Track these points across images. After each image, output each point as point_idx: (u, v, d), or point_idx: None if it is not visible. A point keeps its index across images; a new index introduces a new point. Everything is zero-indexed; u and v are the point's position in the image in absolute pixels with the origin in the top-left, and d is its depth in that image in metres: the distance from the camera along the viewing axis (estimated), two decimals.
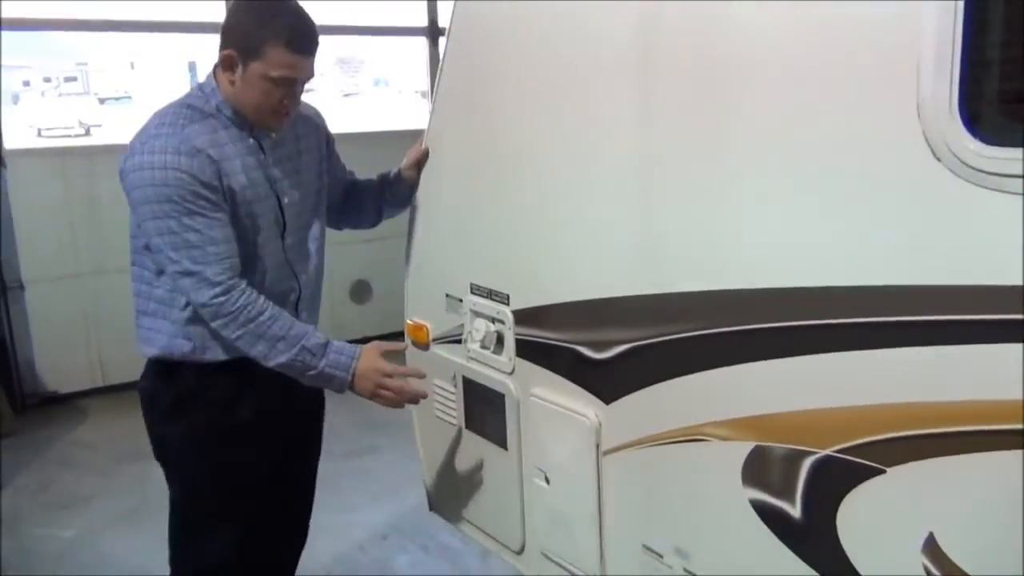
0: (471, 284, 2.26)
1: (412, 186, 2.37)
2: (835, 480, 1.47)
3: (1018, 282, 1.20)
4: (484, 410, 2.30)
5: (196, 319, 2.02)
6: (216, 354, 2.06)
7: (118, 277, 5.07)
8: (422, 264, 2.44)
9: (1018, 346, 1.21)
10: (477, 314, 2.25)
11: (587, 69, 1.84)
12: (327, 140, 2.31)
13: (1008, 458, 1.25)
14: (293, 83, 1.96)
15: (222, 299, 1.93)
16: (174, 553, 2.24)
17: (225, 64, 1.96)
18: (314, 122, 2.26)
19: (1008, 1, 1.22)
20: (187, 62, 20.90)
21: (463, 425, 2.39)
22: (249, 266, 2.03)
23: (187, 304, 2.01)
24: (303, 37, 1.93)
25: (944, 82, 1.22)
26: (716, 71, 1.56)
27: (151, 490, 4.02)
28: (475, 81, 2.16)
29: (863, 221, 1.37)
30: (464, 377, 2.34)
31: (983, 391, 1.27)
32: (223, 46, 1.96)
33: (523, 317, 2.11)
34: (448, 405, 2.43)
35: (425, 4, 6.06)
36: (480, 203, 2.20)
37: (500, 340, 2.20)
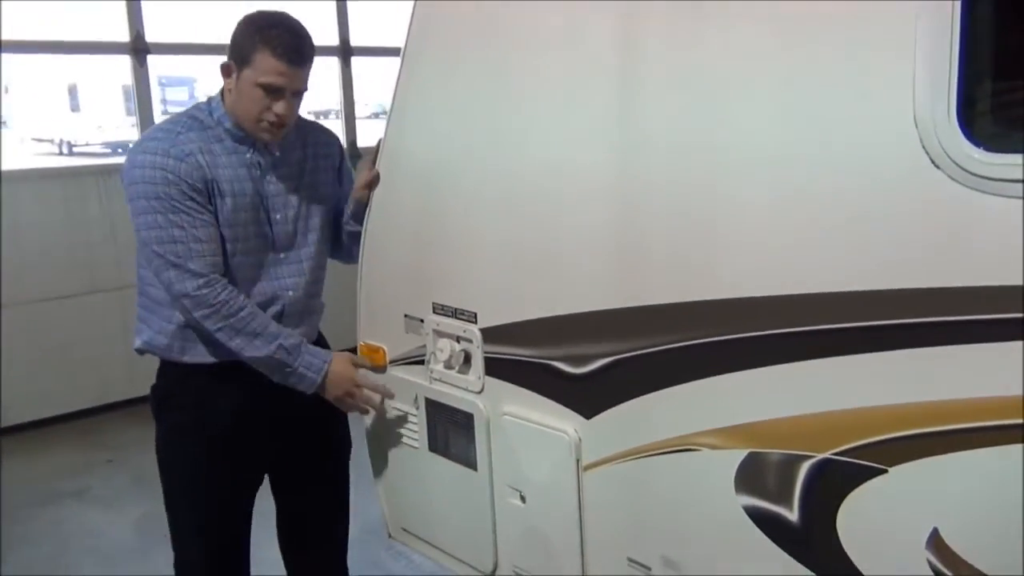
0: (433, 303, 2.22)
1: (365, 207, 2.34)
2: (835, 482, 1.50)
3: (1017, 282, 1.25)
4: (450, 431, 2.25)
5: (181, 321, 2.11)
6: (194, 356, 2.15)
7: (12, 312, 4.89)
8: (377, 284, 2.38)
9: (1017, 343, 1.27)
10: (440, 334, 2.21)
11: (561, 76, 1.83)
12: (341, 164, 2.37)
13: (1009, 452, 1.30)
14: (281, 92, 2.04)
15: (205, 291, 2.03)
16: (173, 546, 2.34)
17: (224, 73, 2.09)
18: (329, 144, 2.35)
19: (1003, 9, 1.27)
20: (67, 85, 20.06)
21: (427, 448, 2.34)
22: (233, 276, 2.11)
23: (175, 306, 2.10)
24: (291, 47, 2.03)
25: (942, 90, 1.27)
26: (703, 74, 1.58)
27: (70, 533, 3.82)
28: (436, 93, 2.13)
29: (859, 227, 1.41)
30: (427, 399, 2.29)
31: (984, 388, 1.31)
32: (227, 59, 2.09)
33: (493, 335, 2.08)
34: (410, 428, 2.37)
35: (336, 23, 5.99)
36: (443, 219, 2.16)
37: (467, 359, 2.16)
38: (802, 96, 1.46)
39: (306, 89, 2.13)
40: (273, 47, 2.00)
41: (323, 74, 6.23)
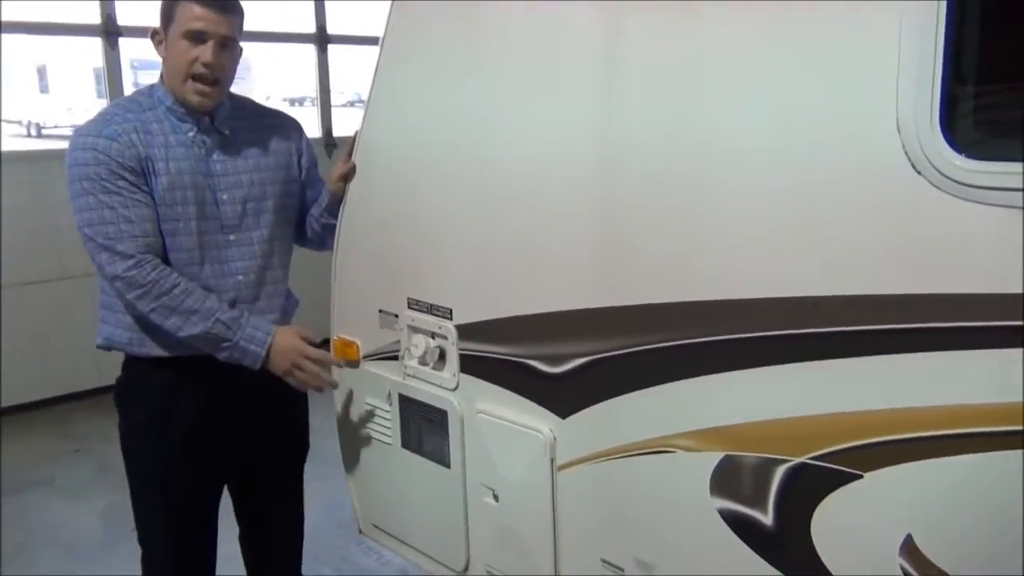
0: (408, 298, 2.19)
1: (341, 200, 2.31)
2: (810, 487, 1.49)
3: (996, 290, 1.25)
4: (423, 428, 2.23)
5: (133, 312, 2.07)
6: (152, 349, 2.11)
7: None
8: (352, 278, 2.35)
9: (995, 351, 1.27)
10: (415, 330, 2.18)
11: (541, 69, 1.81)
12: (302, 152, 2.32)
13: (984, 459, 1.30)
14: (204, 37, 2.01)
15: (134, 272, 1.99)
16: (139, 541, 2.31)
17: (155, 43, 2.07)
18: (288, 129, 2.30)
19: (989, 13, 1.26)
20: (36, 66, 19.72)
21: (399, 444, 2.31)
22: (176, 257, 2.07)
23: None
24: None
25: (925, 95, 1.26)
26: (688, 71, 1.57)
27: (34, 523, 3.76)
28: (414, 85, 2.10)
29: (839, 231, 1.40)
30: (401, 395, 2.27)
31: (959, 395, 1.31)
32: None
33: (468, 332, 2.06)
34: (382, 424, 2.35)
35: (312, 8, 5.91)
36: (419, 213, 2.14)
37: (442, 356, 2.14)
38: (785, 96, 1.45)
39: (236, 41, 2.08)
40: None
41: (299, 61, 6.17)
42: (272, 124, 2.27)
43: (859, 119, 1.36)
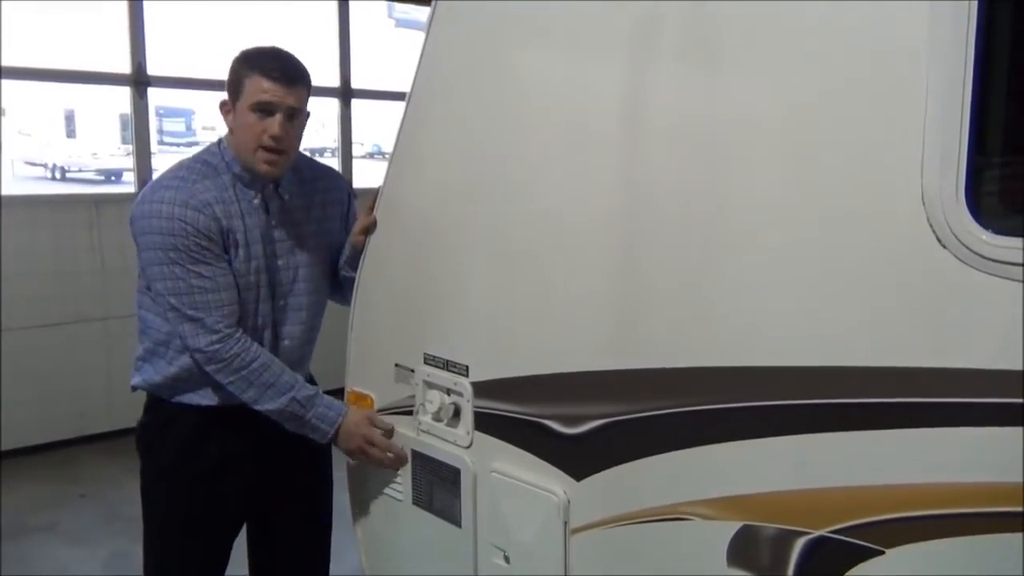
0: (425, 353, 2.18)
1: (361, 253, 2.31)
2: (830, 561, 1.46)
3: (1019, 367, 1.23)
4: (436, 486, 2.21)
5: (182, 365, 2.11)
6: (189, 398, 2.15)
7: None
8: (369, 331, 2.35)
9: (1019, 429, 1.25)
10: (431, 385, 2.17)
11: (564, 129, 1.82)
12: (347, 209, 2.36)
13: (1008, 540, 1.28)
14: (273, 110, 2.05)
15: (218, 346, 2.03)
16: None
17: (223, 112, 2.12)
18: (338, 190, 2.35)
19: (1016, 88, 1.27)
20: (64, 111, 20.11)
21: (410, 501, 2.29)
22: (245, 324, 2.11)
23: (179, 350, 2.11)
24: (277, 65, 2.06)
25: (951, 171, 1.26)
26: (710, 134, 1.57)
27: (36, 568, 3.73)
28: (438, 140, 2.12)
29: (862, 302, 1.40)
30: (413, 451, 2.25)
31: (986, 473, 1.29)
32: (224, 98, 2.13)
33: (484, 389, 2.05)
34: (394, 479, 2.32)
35: (338, 66, 6.03)
36: (438, 268, 2.14)
37: (457, 413, 2.12)
38: (809, 167, 1.45)
39: (303, 111, 2.13)
40: (261, 68, 2.04)
41: (322, 114, 6.27)
42: (325, 187, 2.32)
43: (883, 191, 1.36)
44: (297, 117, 2.11)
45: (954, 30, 1.26)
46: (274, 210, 2.17)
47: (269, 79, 2.03)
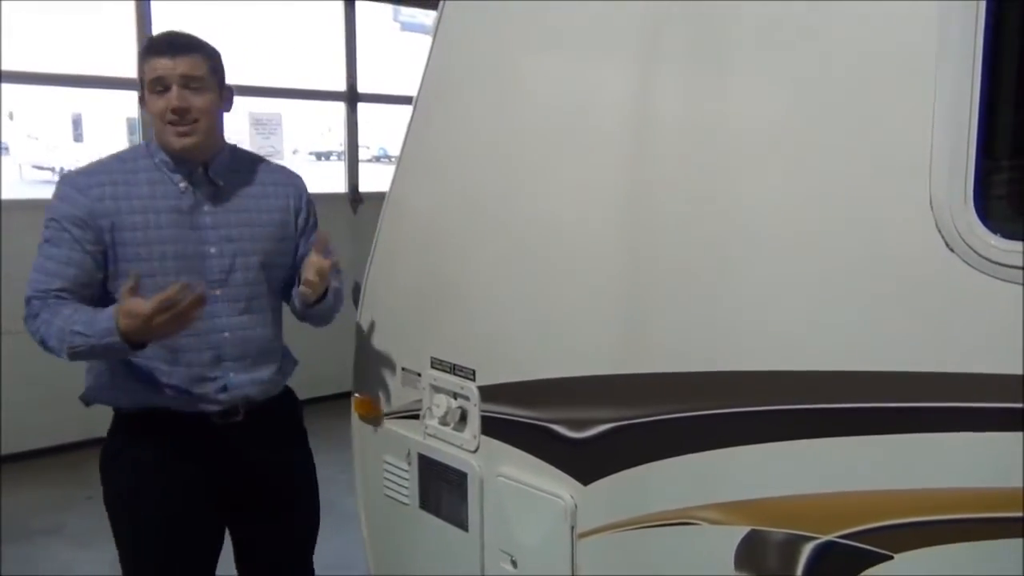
0: (432, 358, 2.19)
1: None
2: (838, 566, 1.46)
3: None
4: (442, 490, 2.21)
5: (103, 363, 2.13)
6: (120, 402, 2.18)
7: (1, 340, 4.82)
8: (375, 335, 2.35)
9: None
10: (437, 389, 2.17)
11: (572, 133, 1.83)
12: (301, 210, 2.27)
13: (1016, 545, 1.27)
14: (166, 82, 2.03)
15: (25, 312, 2.06)
16: None
17: (141, 108, 2.11)
18: (288, 186, 2.27)
19: (1022, 91, 1.27)
20: (71, 115, 20.19)
21: (417, 505, 2.29)
22: None
23: None
24: (163, 41, 2.07)
25: (959, 175, 1.26)
26: (719, 139, 1.57)
27: (42, 570, 3.73)
28: (444, 144, 2.13)
29: (871, 306, 1.39)
30: (420, 455, 2.25)
31: (995, 479, 1.28)
32: None
33: (490, 393, 2.05)
34: (400, 484, 2.32)
35: (344, 70, 6.04)
36: (445, 272, 2.14)
37: (463, 417, 2.12)
38: (817, 171, 1.45)
39: (203, 79, 2.05)
40: (149, 50, 2.06)
41: (329, 118, 6.27)
42: (272, 180, 2.24)
43: (891, 195, 1.35)
44: (196, 86, 2.04)
45: (962, 33, 1.26)
46: (204, 195, 2.11)
47: (156, 55, 2.04)
